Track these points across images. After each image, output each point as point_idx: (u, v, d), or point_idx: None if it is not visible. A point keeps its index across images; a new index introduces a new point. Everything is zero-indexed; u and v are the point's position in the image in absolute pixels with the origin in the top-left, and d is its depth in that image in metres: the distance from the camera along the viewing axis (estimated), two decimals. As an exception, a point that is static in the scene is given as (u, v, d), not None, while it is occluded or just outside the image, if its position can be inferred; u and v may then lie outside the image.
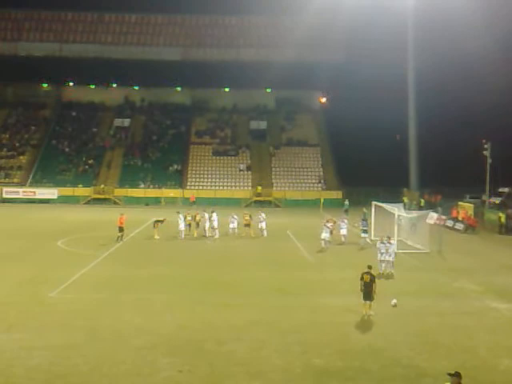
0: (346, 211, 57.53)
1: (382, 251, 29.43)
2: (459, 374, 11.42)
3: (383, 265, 29.34)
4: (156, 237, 40.59)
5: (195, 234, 41.72)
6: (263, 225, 43.03)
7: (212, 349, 17.97)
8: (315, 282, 27.94)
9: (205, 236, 41.59)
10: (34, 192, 72.62)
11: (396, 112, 72.07)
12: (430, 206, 52.55)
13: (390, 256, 29.49)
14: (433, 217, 48.15)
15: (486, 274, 30.75)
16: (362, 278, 21.78)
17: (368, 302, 21.59)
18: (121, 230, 39.51)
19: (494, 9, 64.97)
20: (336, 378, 15.92)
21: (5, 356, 17.08)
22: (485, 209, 56.95)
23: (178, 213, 42.25)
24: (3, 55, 77.97)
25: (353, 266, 30.50)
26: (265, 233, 42.67)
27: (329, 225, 38.63)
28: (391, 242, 30.56)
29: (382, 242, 29.84)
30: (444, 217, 51.66)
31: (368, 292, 21.51)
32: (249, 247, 38.46)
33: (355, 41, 74.48)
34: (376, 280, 21.90)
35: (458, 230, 50.08)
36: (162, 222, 41.63)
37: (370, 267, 22.30)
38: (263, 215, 43.77)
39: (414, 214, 42.34)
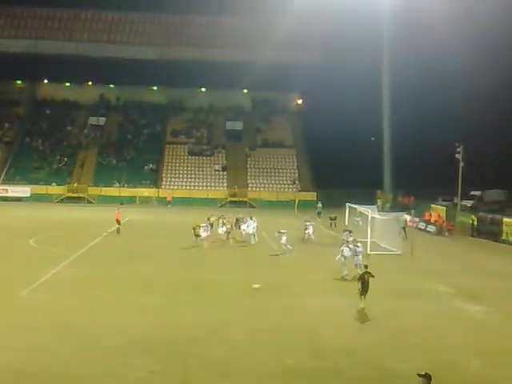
0: (319, 214, 57.79)
1: (345, 254, 28.94)
2: (429, 375, 11.53)
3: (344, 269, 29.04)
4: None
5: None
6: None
7: (185, 349, 17.92)
8: (288, 282, 28.02)
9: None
10: (7, 190, 71.84)
11: (371, 114, 72.57)
12: (403, 208, 53.00)
13: (358, 258, 29.45)
14: (405, 219, 48.56)
15: (457, 276, 31.08)
16: (361, 278, 22.57)
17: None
18: (118, 222, 43.24)
19: (468, 13, 65.80)
20: (307, 378, 15.99)
21: (-26, 356, 16.86)
22: (457, 211, 57.57)
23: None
24: (-23, 51, 76.98)
25: (326, 267, 30.76)
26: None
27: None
28: (358, 245, 30.25)
29: (347, 246, 29.58)
30: (416, 219, 52.17)
31: (366, 289, 22.45)
32: (222, 248, 38.36)
33: (331, 42, 74.87)
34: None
35: (430, 232, 50.63)
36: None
37: (366, 266, 23.33)
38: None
39: (388, 215, 42.62)
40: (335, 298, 24.85)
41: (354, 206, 43.62)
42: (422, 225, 52.81)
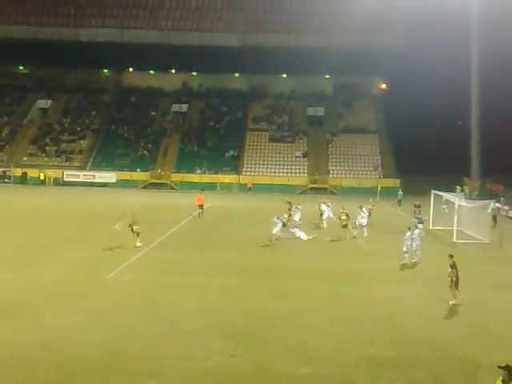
0: (399, 202, 56.63)
1: (408, 243, 28.86)
2: (510, 367, 11.08)
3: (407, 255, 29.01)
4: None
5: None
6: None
7: (265, 335, 17.98)
8: (367, 270, 27.63)
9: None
10: (94, 176, 74.27)
11: (458, 98, 70.26)
12: (491, 196, 51.18)
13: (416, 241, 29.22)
14: (497, 207, 46.80)
15: (548, 267, 29.80)
16: (454, 267, 21.57)
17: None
18: (200, 207, 45.16)
19: None
20: (388, 367, 15.72)
21: (61, 335, 17.48)
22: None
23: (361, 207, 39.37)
24: (65, 41, 79.20)
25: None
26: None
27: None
28: (415, 231, 29.97)
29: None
30: (506, 207, 50.32)
31: (456, 280, 21.42)
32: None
33: (417, 26, 72.78)
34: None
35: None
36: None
37: (451, 256, 22.05)
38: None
39: (476, 203, 41.15)
40: (416, 287, 24.32)
41: (440, 193, 42.47)
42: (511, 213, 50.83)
